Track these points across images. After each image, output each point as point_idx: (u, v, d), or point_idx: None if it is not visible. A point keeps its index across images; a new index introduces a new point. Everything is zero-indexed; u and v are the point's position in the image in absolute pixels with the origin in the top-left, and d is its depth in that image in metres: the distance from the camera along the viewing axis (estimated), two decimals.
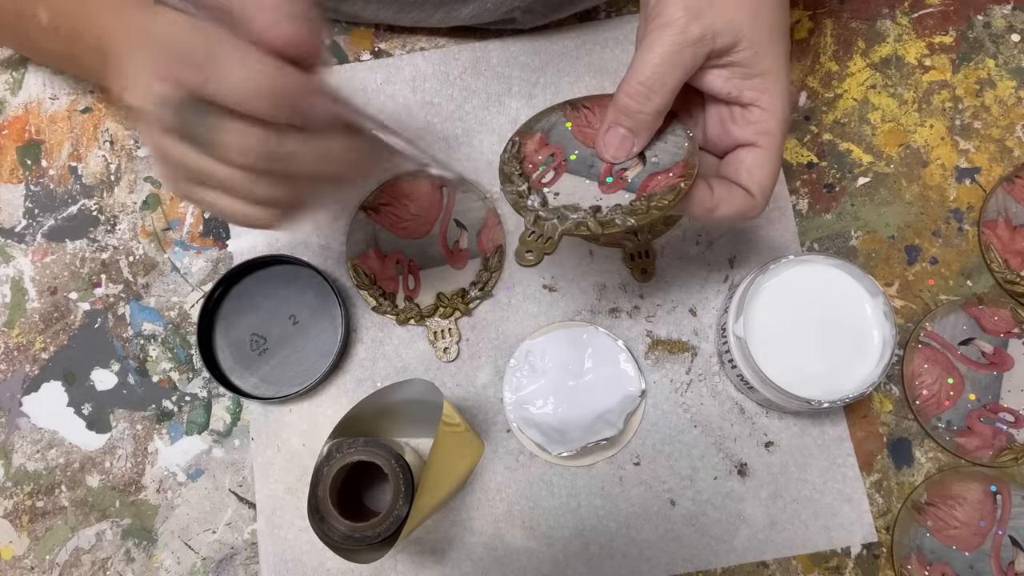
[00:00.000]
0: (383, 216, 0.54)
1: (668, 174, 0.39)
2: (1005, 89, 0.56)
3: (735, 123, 0.40)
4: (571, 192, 0.40)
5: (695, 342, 0.53)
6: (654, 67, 0.37)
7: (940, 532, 0.49)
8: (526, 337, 0.52)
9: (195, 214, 0.55)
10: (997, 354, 0.51)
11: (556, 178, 0.40)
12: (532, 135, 0.42)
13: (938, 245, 0.54)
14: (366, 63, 0.57)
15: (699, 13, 0.36)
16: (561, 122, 0.42)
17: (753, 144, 0.40)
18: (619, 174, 0.40)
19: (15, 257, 0.54)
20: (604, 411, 0.50)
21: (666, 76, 0.37)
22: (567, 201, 0.39)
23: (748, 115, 0.40)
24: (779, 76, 0.39)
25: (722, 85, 0.39)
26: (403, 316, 0.53)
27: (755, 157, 0.40)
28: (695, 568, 0.50)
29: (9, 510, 0.51)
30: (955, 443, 0.50)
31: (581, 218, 0.38)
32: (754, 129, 0.40)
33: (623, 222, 0.37)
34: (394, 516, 0.42)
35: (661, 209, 0.37)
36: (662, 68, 0.37)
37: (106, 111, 0.56)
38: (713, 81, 0.39)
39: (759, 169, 0.40)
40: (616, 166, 0.40)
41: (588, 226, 0.38)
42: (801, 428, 0.51)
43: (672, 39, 0.36)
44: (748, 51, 0.38)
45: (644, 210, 0.38)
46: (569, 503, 0.51)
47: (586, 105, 0.42)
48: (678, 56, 0.37)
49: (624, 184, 0.39)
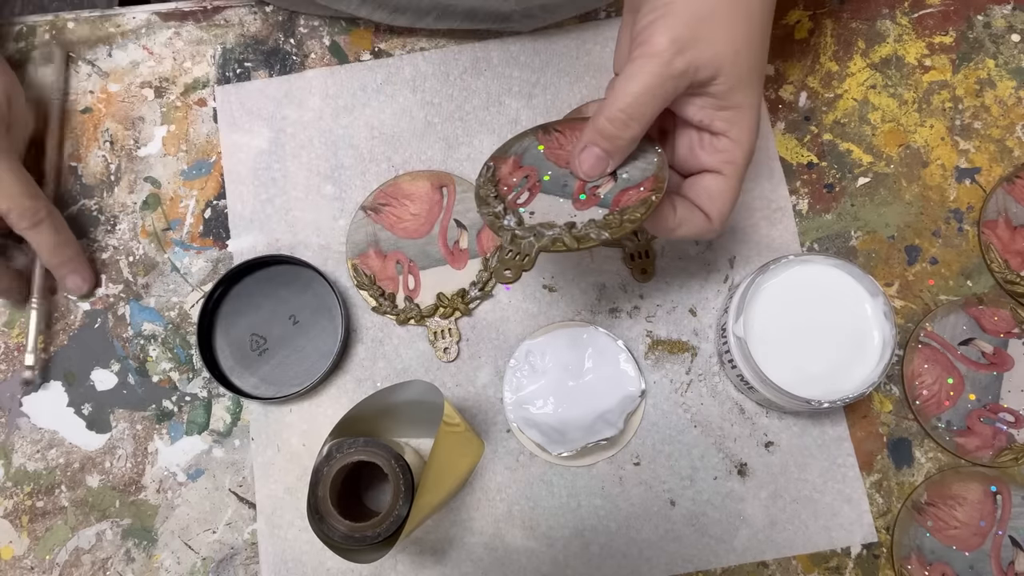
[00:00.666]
0: (383, 216, 0.54)
1: (639, 188, 0.40)
2: (1005, 89, 0.56)
3: (703, 149, 0.41)
4: (546, 211, 0.41)
5: (695, 342, 0.53)
6: (635, 96, 0.38)
7: (940, 532, 0.49)
8: (526, 337, 0.52)
9: (195, 214, 0.55)
10: (997, 354, 0.51)
11: (531, 198, 0.42)
12: (506, 159, 0.43)
13: (938, 245, 0.54)
14: (366, 63, 0.57)
15: (685, 47, 0.37)
16: (533, 145, 0.43)
17: (717, 171, 0.41)
18: (592, 191, 0.41)
19: (15, 257, 0.54)
20: (604, 411, 0.50)
21: (646, 107, 0.38)
22: (542, 219, 0.40)
23: (716, 143, 0.41)
24: (751, 111, 0.40)
25: (695, 112, 0.40)
26: (403, 316, 0.53)
27: (718, 185, 0.41)
28: (695, 568, 0.50)
29: (9, 510, 0.51)
30: (955, 443, 0.50)
31: (557, 235, 0.39)
32: (720, 157, 0.41)
33: (597, 236, 0.39)
34: (394, 516, 0.42)
35: (634, 222, 0.39)
36: (643, 98, 0.38)
37: (106, 111, 0.56)
38: (688, 108, 0.40)
39: (720, 197, 0.41)
40: (589, 184, 0.41)
41: (564, 242, 0.39)
42: (801, 428, 0.51)
43: (656, 71, 0.37)
44: (725, 85, 0.39)
45: (617, 223, 0.39)
46: (569, 503, 0.51)
47: (557, 129, 0.44)
48: (660, 88, 0.38)
49: (597, 200, 0.41)
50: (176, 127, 0.56)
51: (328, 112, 0.56)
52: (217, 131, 0.56)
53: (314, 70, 0.57)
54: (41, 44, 0.57)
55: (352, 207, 0.54)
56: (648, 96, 0.38)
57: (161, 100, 0.57)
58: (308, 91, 0.56)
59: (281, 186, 0.55)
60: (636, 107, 0.38)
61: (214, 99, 0.57)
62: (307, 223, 0.55)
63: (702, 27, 0.37)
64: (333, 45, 0.57)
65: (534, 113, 0.56)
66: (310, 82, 0.56)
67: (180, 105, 0.57)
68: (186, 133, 0.56)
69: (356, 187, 0.55)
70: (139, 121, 0.56)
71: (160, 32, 0.58)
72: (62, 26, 0.58)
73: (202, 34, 0.58)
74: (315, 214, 0.55)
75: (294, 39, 0.57)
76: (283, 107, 0.56)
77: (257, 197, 0.55)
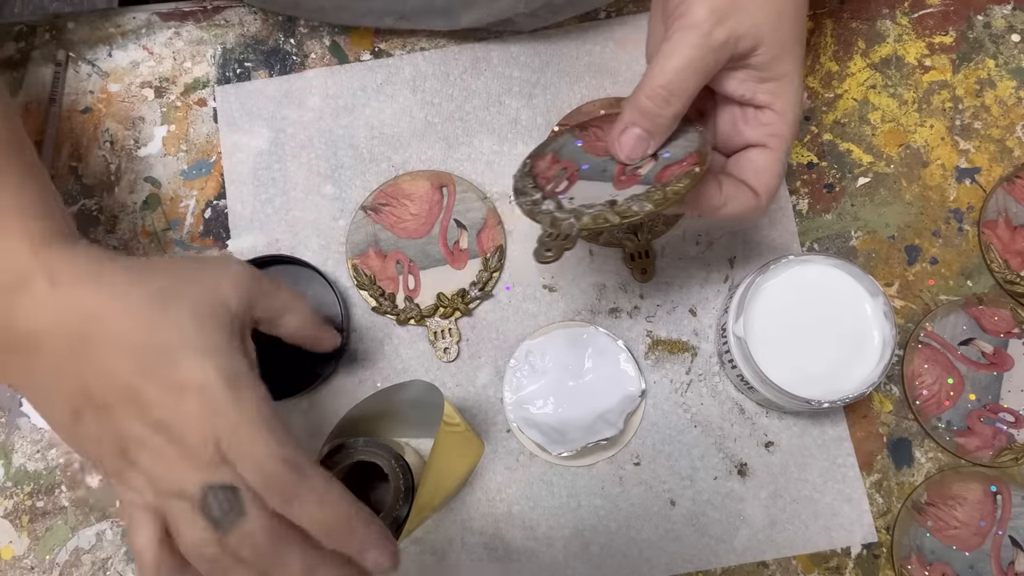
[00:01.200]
0: (383, 216, 0.54)
1: (682, 163, 0.38)
2: (1005, 89, 0.56)
3: (747, 124, 0.40)
4: (586, 195, 0.39)
5: (695, 342, 0.53)
6: (676, 71, 0.36)
7: (940, 532, 0.49)
8: (526, 337, 0.52)
9: (195, 214, 0.55)
10: (997, 354, 0.51)
11: (570, 186, 0.40)
12: (543, 156, 0.42)
13: (938, 245, 0.54)
14: (366, 63, 0.57)
15: (724, 16, 0.36)
16: (571, 141, 0.42)
17: (763, 145, 0.40)
18: (633, 172, 0.39)
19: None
20: (604, 411, 0.50)
21: (687, 81, 0.37)
22: (582, 202, 0.39)
23: (760, 116, 0.39)
24: (794, 80, 0.39)
25: (736, 87, 0.39)
26: (403, 316, 0.53)
27: (765, 158, 0.40)
28: (695, 568, 0.50)
29: (9, 510, 0.51)
30: (955, 443, 0.50)
31: (599, 211, 0.37)
32: (765, 131, 0.39)
33: (640, 208, 0.37)
34: (394, 516, 0.42)
35: (678, 193, 0.37)
36: (684, 73, 0.36)
37: (106, 111, 0.57)
38: (728, 83, 0.39)
39: (767, 171, 0.40)
40: (629, 167, 0.40)
41: (606, 217, 0.37)
42: (801, 428, 0.51)
43: (696, 42, 0.36)
44: (766, 55, 0.37)
45: (661, 197, 0.37)
46: (569, 503, 0.51)
47: (594, 125, 0.43)
48: (701, 62, 0.36)
49: (638, 179, 0.39)
50: (176, 127, 0.56)
51: (328, 112, 0.56)
52: (217, 131, 0.56)
53: (314, 70, 0.57)
54: (41, 44, 0.57)
55: (352, 207, 0.54)
56: (690, 70, 0.36)
57: (161, 100, 0.57)
58: (308, 91, 0.56)
59: (281, 186, 0.55)
60: (677, 82, 0.36)
61: (214, 99, 0.57)
62: (307, 223, 0.55)
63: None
64: (333, 45, 0.57)
65: (534, 113, 0.56)
66: (310, 82, 0.56)
67: (180, 105, 0.57)
68: (186, 133, 0.56)
69: (356, 187, 0.55)
70: (139, 121, 0.56)
71: (160, 32, 0.58)
72: (62, 26, 0.58)
73: (202, 34, 0.58)
74: (315, 214, 0.55)
75: (294, 39, 0.57)
76: (283, 107, 0.56)
77: (257, 197, 0.55)
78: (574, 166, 0.41)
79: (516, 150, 0.55)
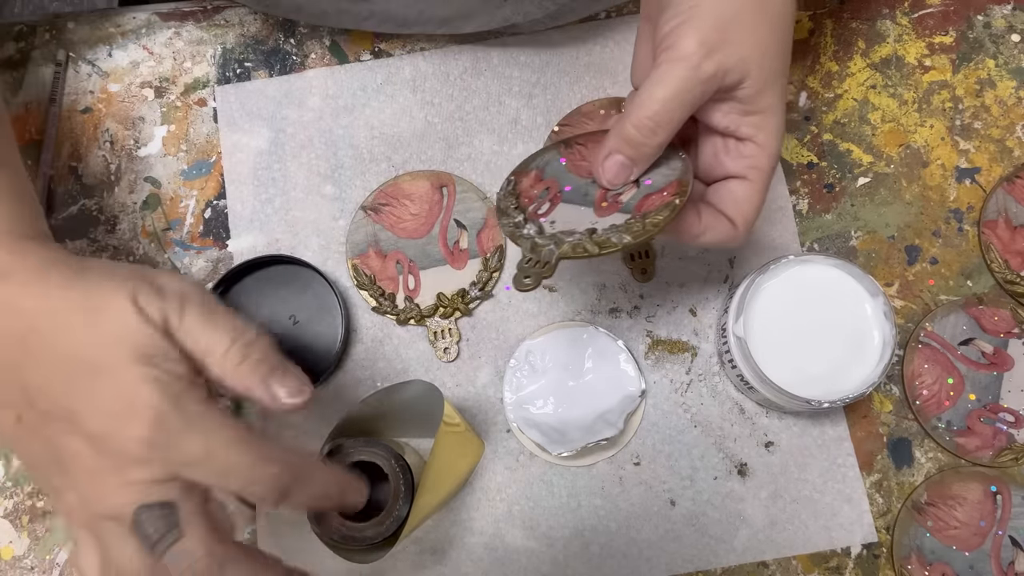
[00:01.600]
0: (383, 216, 0.54)
1: (662, 193, 0.39)
2: (1005, 89, 0.56)
3: (728, 155, 0.41)
4: (567, 220, 0.40)
5: (695, 342, 0.53)
6: (663, 102, 0.37)
7: (940, 532, 0.49)
8: (526, 337, 0.52)
9: (195, 214, 0.55)
10: (997, 354, 0.51)
11: (552, 208, 0.41)
12: (527, 172, 0.43)
13: (938, 245, 0.54)
14: (366, 63, 0.57)
15: (713, 49, 0.36)
16: (556, 159, 0.43)
17: (743, 177, 0.40)
18: (614, 198, 0.40)
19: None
20: (604, 411, 0.50)
21: (674, 112, 0.37)
22: (563, 228, 0.39)
23: (742, 149, 0.40)
24: (776, 114, 0.39)
25: (721, 118, 0.39)
26: (403, 316, 0.53)
27: (744, 190, 0.40)
28: (695, 568, 0.50)
29: (9, 510, 0.51)
30: (955, 443, 0.50)
31: (577, 240, 0.38)
32: (746, 163, 0.40)
33: (619, 240, 0.37)
34: (394, 516, 0.42)
35: (657, 225, 0.37)
36: (671, 104, 0.37)
37: (106, 111, 0.57)
38: (713, 114, 0.39)
39: (747, 202, 0.40)
40: (611, 192, 0.40)
41: (585, 247, 0.38)
42: (801, 428, 0.51)
43: (684, 75, 0.36)
44: (752, 89, 0.38)
45: (640, 228, 0.38)
46: (569, 503, 0.51)
47: (579, 142, 0.43)
48: (688, 94, 0.37)
49: (619, 207, 0.40)
50: (176, 127, 0.56)
51: (328, 112, 0.56)
52: (217, 131, 0.56)
53: (314, 70, 0.57)
54: (41, 44, 0.57)
55: (352, 207, 0.54)
56: (677, 101, 0.37)
57: (161, 100, 0.57)
58: (308, 91, 0.56)
59: (281, 186, 0.55)
60: (664, 113, 0.37)
61: (214, 99, 0.57)
62: (307, 223, 0.55)
63: (729, 30, 0.36)
64: (333, 45, 0.57)
65: (534, 113, 0.56)
66: (310, 82, 0.56)
67: (180, 105, 0.57)
68: (186, 133, 0.56)
69: (356, 187, 0.55)
70: (139, 121, 0.56)
71: (160, 32, 0.58)
72: (62, 26, 0.58)
73: (202, 34, 0.58)
74: (315, 214, 0.55)
75: (294, 39, 0.57)
76: (283, 107, 0.56)
77: (257, 197, 0.55)
78: (557, 187, 0.42)
79: (516, 150, 0.55)
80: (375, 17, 0.53)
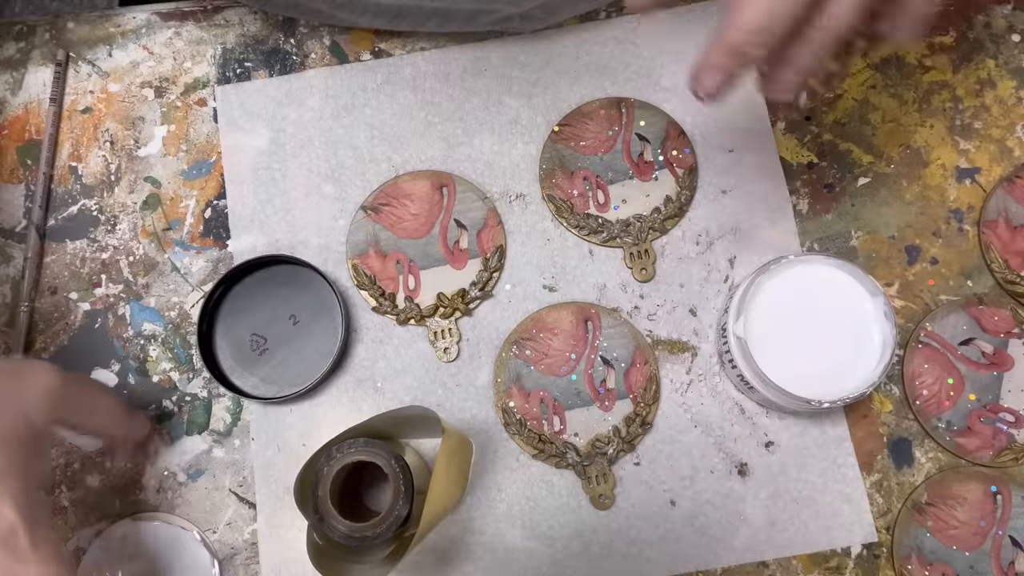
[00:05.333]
0: (383, 216, 0.54)
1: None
2: (1005, 89, 0.56)
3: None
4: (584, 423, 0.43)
5: (695, 342, 0.53)
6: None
7: (940, 532, 0.49)
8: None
9: (195, 214, 0.55)
10: (997, 354, 0.51)
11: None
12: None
13: (938, 245, 0.54)
14: (366, 63, 0.57)
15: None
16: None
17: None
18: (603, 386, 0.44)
19: (15, 257, 0.54)
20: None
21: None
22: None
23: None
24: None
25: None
26: (403, 316, 0.53)
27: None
28: (695, 568, 0.50)
29: None
30: (955, 443, 0.50)
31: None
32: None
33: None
34: (394, 516, 0.42)
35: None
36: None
37: (106, 111, 0.56)
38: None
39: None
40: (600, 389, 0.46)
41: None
42: (801, 428, 0.51)
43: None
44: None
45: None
46: (569, 503, 0.51)
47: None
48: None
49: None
50: (176, 127, 0.56)
51: (328, 112, 0.56)
52: (217, 131, 0.56)
53: (314, 70, 0.57)
54: (41, 44, 0.57)
55: (352, 207, 0.54)
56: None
57: (161, 100, 0.57)
58: (308, 91, 0.56)
59: (281, 186, 0.55)
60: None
61: (214, 99, 0.57)
62: (307, 223, 0.55)
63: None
64: (333, 45, 0.57)
65: (534, 113, 0.56)
66: (310, 82, 0.56)
67: (180, 105, 0.57)
68: (186, 133, 0.56)
69: (356, 187, 0.55)
70: (139, 121, 0.56)
71: (160, 32, 0.58)
72: (62, 26, 0.58)
73: (202, 34, 0.58)
74: (315, 214, 0.55)
75: (294, 39, 0.57)
76: (283, 107, 0.56)
77: (257, 197, 0.55)
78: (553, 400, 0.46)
79: (516, 150, 0.55)
80: (368, 13, 0.53)
